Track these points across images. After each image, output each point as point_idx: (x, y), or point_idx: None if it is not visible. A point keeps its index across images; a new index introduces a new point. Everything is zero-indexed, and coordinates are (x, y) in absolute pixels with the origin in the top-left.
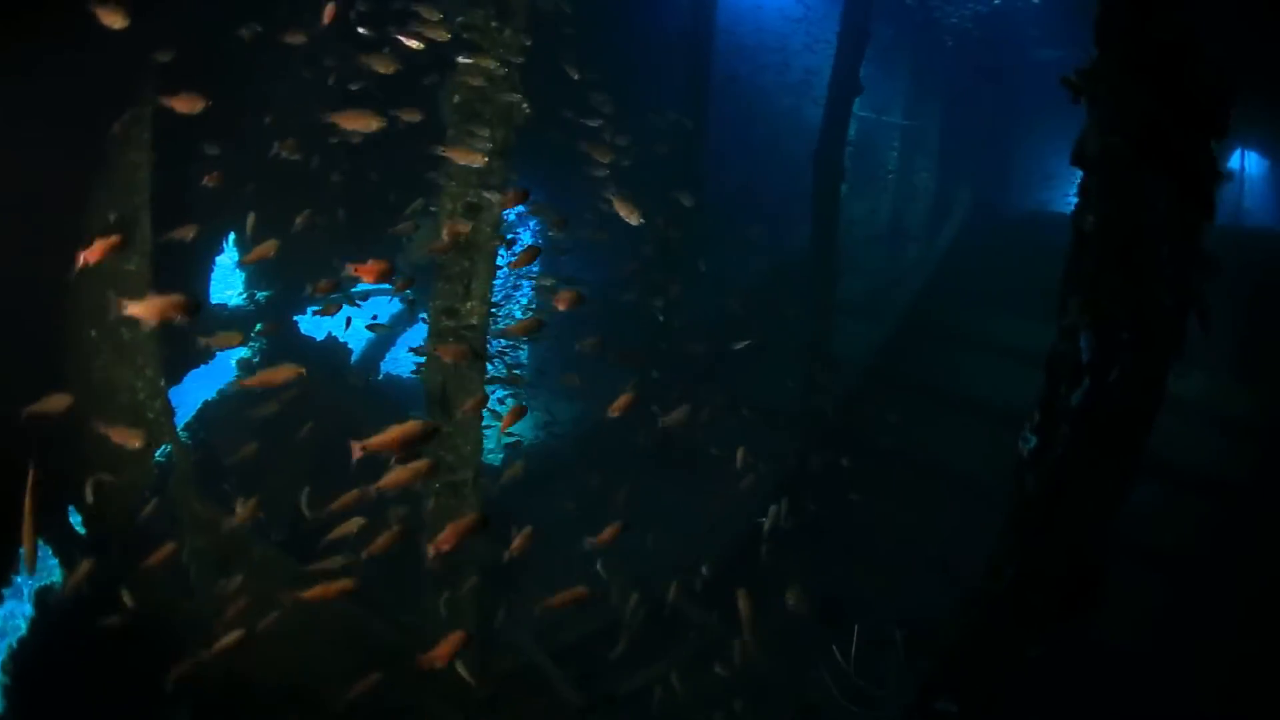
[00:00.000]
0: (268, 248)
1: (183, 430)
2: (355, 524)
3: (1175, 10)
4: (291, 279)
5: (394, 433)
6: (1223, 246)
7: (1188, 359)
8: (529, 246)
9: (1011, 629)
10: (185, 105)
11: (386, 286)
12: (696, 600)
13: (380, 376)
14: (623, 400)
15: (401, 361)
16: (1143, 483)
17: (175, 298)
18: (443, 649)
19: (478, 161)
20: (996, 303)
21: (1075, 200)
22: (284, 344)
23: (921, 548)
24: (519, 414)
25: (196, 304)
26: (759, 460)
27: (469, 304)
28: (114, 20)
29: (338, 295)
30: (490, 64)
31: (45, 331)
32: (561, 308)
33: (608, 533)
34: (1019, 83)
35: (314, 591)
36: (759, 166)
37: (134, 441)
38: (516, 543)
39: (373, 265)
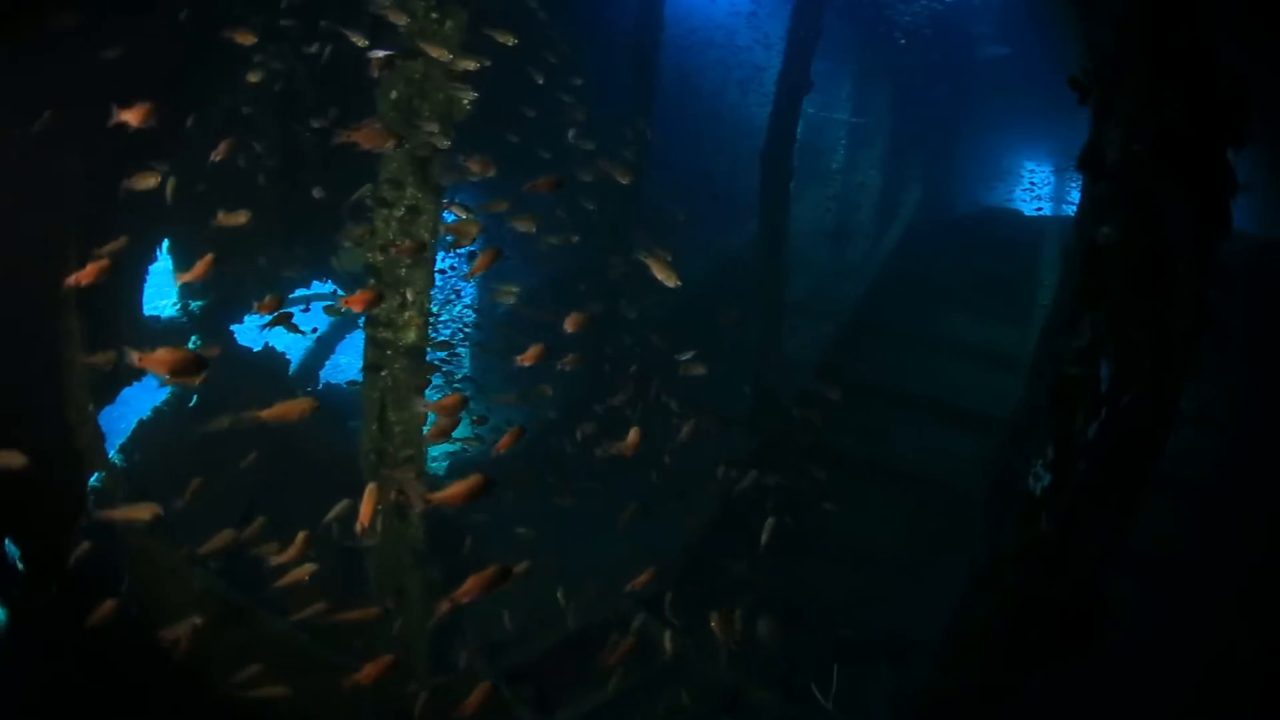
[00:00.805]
0: (205, 263)
1: (116, 453)
2: (306, 570)
3: (1200, 14)
4: (226, 287)
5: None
6: None
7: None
8: (490, 250)
9: (1012, 663)
10: (135, 116)
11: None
12: (656, 614)
13: (320, 386)
14: (532, 351)
15: (343, 369)
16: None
17: (188, 355)
18: (369, 670)
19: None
20: (947, 300)
21: (1080, 208)
22: (221, 356)
23: (877, 551)
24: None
25: (205, 363)
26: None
27: (406, 314)
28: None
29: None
30: (431, 56)
31: None
32: (570, 329)
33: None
34: (968, 79)
35: None
36: (706, 163)
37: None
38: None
39: (361, 296)
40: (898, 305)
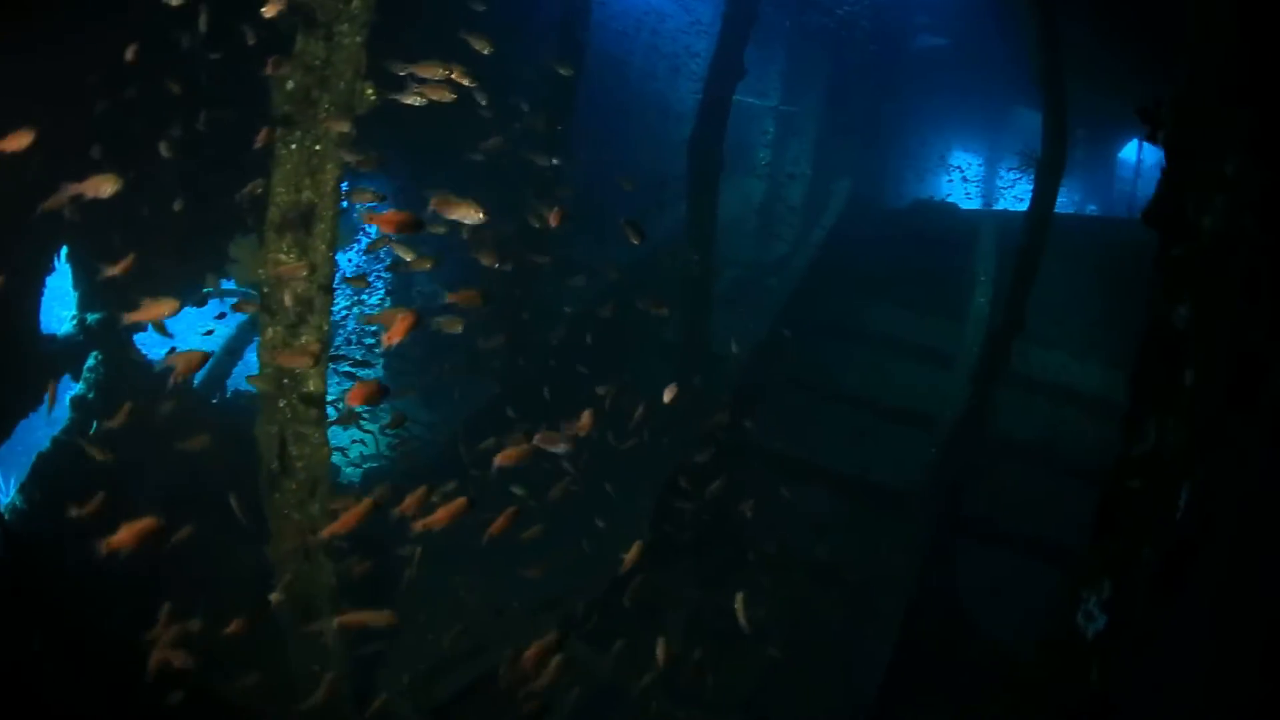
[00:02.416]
0: (127, 262)
1: (18, 494)
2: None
3: None
4: (126, 297)
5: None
6: (1118, 238)
7: (1087, 349)
8: (406, 316)
9: None
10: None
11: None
12: (584, 635)
13: (229, 394)
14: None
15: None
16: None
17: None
18: None
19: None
20: (879, 295)
21: (1160, 283)
22: (121, 369)
23: (811, 557)
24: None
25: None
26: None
27: (304, 337)
28: None
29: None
30: (334, 39)
31: None
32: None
33: None
34: (903, 70)
35: None
36: (631, 151)
37: None
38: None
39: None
40: (828, 299)
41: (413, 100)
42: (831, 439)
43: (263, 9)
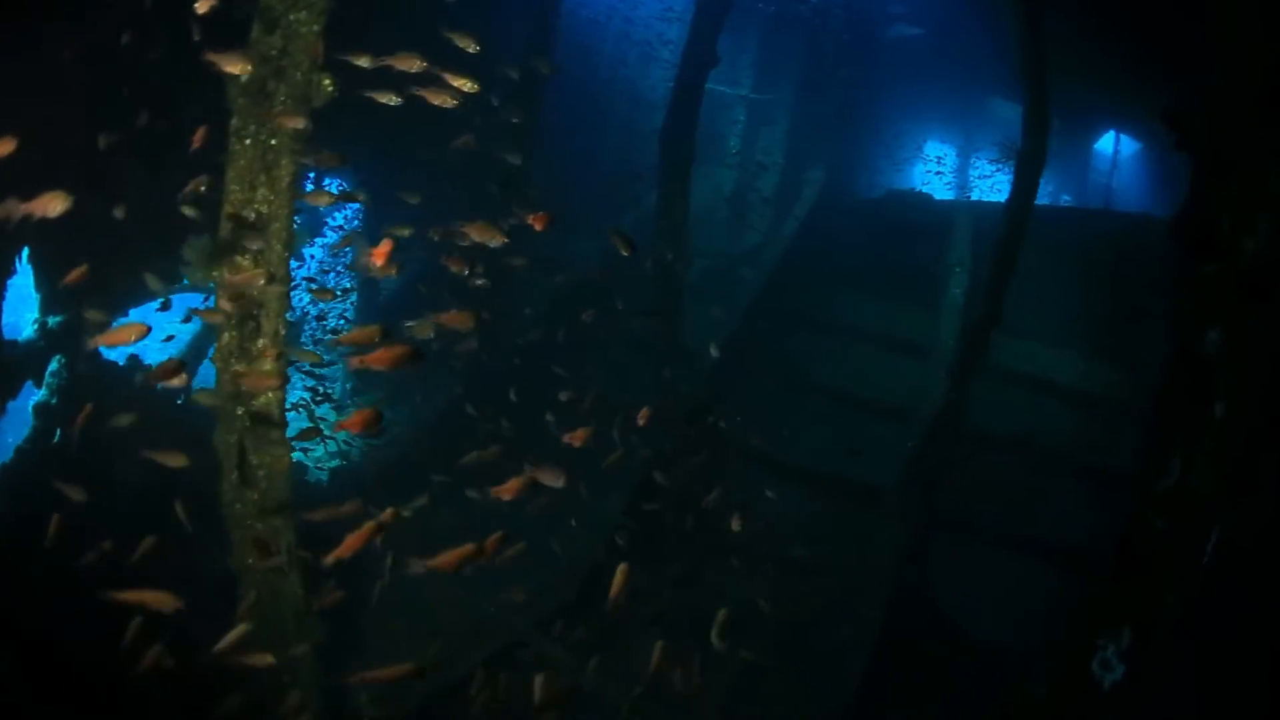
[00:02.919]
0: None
1: None
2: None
3: None
4: (85, 299)
5: None
6: (1094, 229)
7: (1063, 340)
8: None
9: None
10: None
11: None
12: (555, 639)
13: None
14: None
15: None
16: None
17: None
18: None
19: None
20: (853, 286)
21: (1177, 316)
22: (83, 374)
23: (784, 549)
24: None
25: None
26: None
27: (259, 342)
28: None
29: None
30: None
31: None
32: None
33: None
34: (877, 59)
35: None
36: (601, 141)
37: None
38: None
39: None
40: (801, 291)
41: (389, 100)
42: (806, 433)
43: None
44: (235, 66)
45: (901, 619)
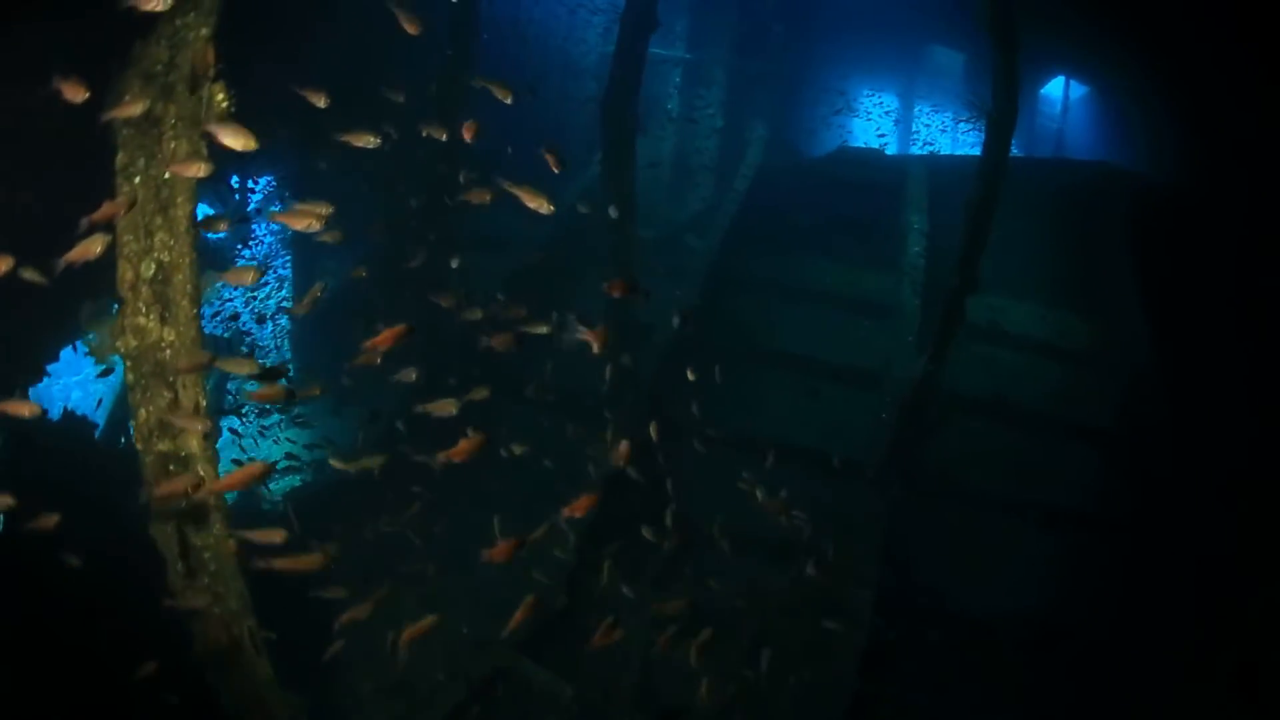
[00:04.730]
0: None
1: None
2: None
3: None
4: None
5: None
6: (1047, 178)
7: (1023, 291)
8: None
9: None
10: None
11: None
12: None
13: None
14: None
15: None
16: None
17: None
18: None
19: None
20: (807, 248)
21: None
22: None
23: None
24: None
25: None
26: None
27: (181, 415)
28: None
29: None
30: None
31: None
32: None
33: None
34: (814, 11)
35: None
36: (535, 113)
37: None
38: None
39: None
40: (754, 257)
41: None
42: (774, 406)
43: None
44: (133, 107)
45: (892, 597)
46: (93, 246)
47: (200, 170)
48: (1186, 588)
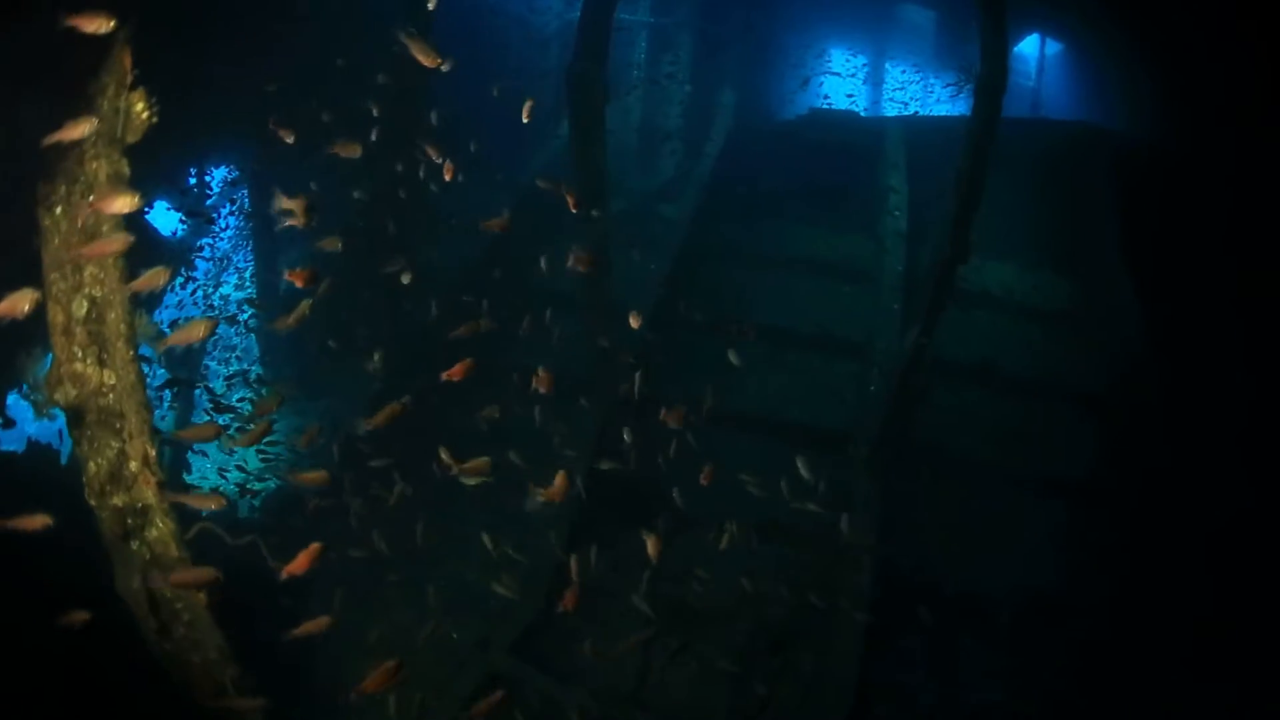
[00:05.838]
0: None
1: None
2: None
3: None
4: None
5: None
6: (1029, 139)
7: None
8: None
9: None
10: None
11: None
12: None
13: None
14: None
15: None
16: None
17: None
18: None
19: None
20: (783, 216)
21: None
22: None
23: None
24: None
25: None
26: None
27: (131, 465)
28: None
29: None
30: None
31: None
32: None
33: None
34: None
35: None
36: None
37: None
38: None
39: None
40: (729, 226)
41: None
42: (757, 380)
43: None
44: (81, 129)
45: (889, 576)
46: (20, 303)
47: (127, 205)
48: (1188, 556)
